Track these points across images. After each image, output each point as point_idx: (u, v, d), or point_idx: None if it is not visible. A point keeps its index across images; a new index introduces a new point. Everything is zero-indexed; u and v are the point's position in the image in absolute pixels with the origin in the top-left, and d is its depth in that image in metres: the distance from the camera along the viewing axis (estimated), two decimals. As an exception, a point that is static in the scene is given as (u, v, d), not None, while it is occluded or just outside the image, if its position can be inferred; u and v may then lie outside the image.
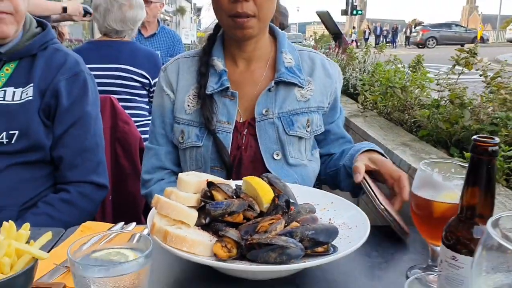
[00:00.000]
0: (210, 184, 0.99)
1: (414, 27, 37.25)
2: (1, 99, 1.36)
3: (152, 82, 2.58)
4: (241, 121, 1.33)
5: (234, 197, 0.98)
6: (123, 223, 1.13)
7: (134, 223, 1.13)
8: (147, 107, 2.65)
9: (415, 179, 0.93)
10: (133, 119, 2.25)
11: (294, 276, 0.90)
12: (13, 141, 1.35)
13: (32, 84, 1.39)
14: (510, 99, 1.51)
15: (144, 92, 2.58)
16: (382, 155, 1.27)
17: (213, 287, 0.89)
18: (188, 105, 1.34)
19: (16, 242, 0.74)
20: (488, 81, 1.59)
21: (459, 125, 1.50)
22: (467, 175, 0.73)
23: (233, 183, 1.05)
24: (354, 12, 36.19)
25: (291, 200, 0.99)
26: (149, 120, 2.65)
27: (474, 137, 0.73)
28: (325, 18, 6.53)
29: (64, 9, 2.80)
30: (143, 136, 2.02)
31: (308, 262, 0.83)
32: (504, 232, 0.84)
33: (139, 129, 2.27)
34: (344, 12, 36.96)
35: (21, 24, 1.43)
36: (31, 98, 1.38)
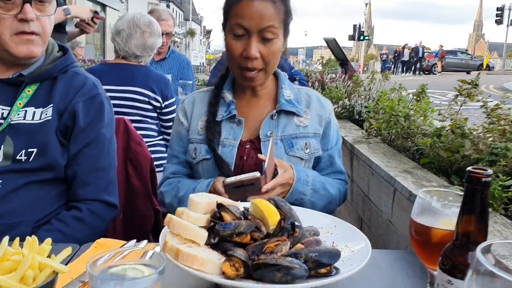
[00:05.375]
0: (219, 206, 1.04)
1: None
2: (22, 118, 1.41)
3: (163, 105, 2.66)
4: (245, 140, 1.52)
5: (242, 218, 1.03)
6: (135, 240, 1.18)
7: (146, 241, 1.18)
8: (157, 128, 2.72)
9: (415, 206, 0.98)
10: (143, 140, 2.32)
11: (296, 296, 0.94)
12: (31, 159, 1.38)
13: (51, 105, 1.44)
14: (510, 130, 1.57)
15: (155, 114, 2.66)
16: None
17: (220, 304, 0.93)
18: (201, 128, 1.55)
19: (39, 256, 0.80)
20: (488, 112, 1.64)
21: (460, 154, 1.55)
22: (462, 204, 0.78)
23: (241, 205, 1.11)
24: (361, 37, 36.59)
25: (296, 223, 1.04)
26: (158, 140, 2.73)
27: (469, 168, 0.78)
28: (332, 44, 6.64)
29: (67, 13, 2.77)
30: (152, 156, 2.08)
31: (312, 282, 0.87)
32: (498, 258, 0.89)
33: (149, 149, 2.33)
34: (352, 38, 37.42)
35: (46, 45, 1.48)
36: (50, 118, 1.42)
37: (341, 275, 0.89)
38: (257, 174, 1.28)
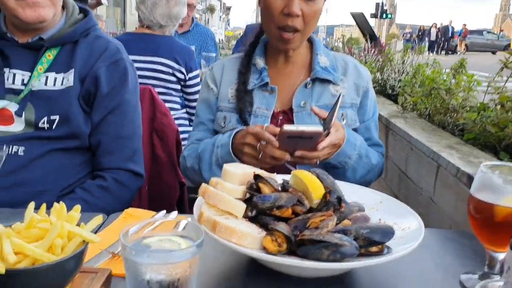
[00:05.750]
0: (256, 177, 0.96)
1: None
2: (43, 84, 1.37)
3: (187, 77, 2.58)
4: (277, 110, 1.43)
5: (281, 191, 0.95)
6: (165, 211, 1.12)
7: (176, 212, 1.12)
8: (180, 101, 2.67)
9: (475, 182, 0.88)
10: (168, 111, 2.25)
11: (341, 276, 0.87)
12: (53, 127, 1.35)
13: (72, 70, 1.39)
14: None
15: (179, 87, 2.60)
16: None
17: (257, 281, 0.86)
18: (232, 96, 1.46)
19: (68, 224, 0.73)
20: (541, 86, 1.52)
21: (510, 129, 1.44)
22: (541, 178, 0.69)
23: (279, 177, 1.03)
24: (384, 16, 35.70)
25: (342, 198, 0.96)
26: (182, 114, 2.67)
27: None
28: (360, 19, 6.44)
29: None
30: (176, 129, 2.01)
31: (363, 261, 0.80)
32: None
33: (173, 122, 2.26)
34: (374, 16, 36.54)
35: (58, 7, 1.41)
36: (71, 84, 1.37)
37: (394, 254, 0.81)
38: (320, 128, 1.17)
